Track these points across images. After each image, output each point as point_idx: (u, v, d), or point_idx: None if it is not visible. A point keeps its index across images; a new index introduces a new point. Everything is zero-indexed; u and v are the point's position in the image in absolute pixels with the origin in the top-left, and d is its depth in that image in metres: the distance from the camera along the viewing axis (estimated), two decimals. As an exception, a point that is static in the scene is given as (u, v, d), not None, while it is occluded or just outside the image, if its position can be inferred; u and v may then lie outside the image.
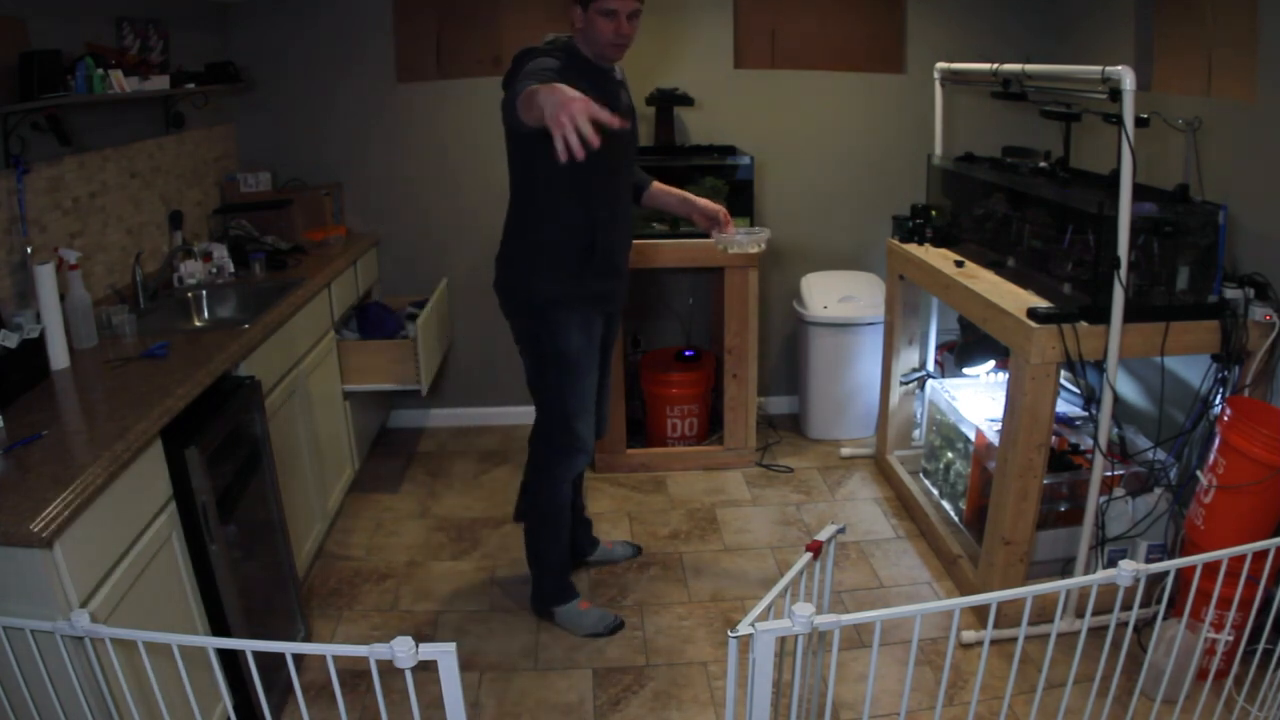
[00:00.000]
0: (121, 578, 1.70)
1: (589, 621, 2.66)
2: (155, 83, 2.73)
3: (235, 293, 3.01)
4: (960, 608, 1.37)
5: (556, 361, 2.45)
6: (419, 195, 3.88)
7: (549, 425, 2.55)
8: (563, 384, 2.47)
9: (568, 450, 2.54)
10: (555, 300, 2.40)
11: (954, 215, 3.25)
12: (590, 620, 2.66)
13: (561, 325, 2.41)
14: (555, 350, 2.44)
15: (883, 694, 2.33)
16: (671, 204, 2.72)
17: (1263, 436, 2.10)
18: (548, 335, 2.43)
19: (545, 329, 2.43)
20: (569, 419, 2.50)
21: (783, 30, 3.80)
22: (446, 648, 1.19)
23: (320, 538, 3.06)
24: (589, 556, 3.00)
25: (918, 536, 3.15)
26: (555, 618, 2.68)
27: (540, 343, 2.46)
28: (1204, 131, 2.62)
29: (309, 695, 2.36)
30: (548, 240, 2.40)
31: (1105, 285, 2.26)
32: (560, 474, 2.58)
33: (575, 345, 2.44)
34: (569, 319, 2.42)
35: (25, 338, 2.04)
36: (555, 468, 2.57)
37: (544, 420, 2.57)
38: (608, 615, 2.69)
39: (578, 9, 2.27)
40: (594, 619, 2.66)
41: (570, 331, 2.42)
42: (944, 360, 3.55)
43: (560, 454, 2.55)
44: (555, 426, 2.52)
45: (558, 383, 2.48)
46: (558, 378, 2.47)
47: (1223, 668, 2.26)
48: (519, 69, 2.22)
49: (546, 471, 2.58)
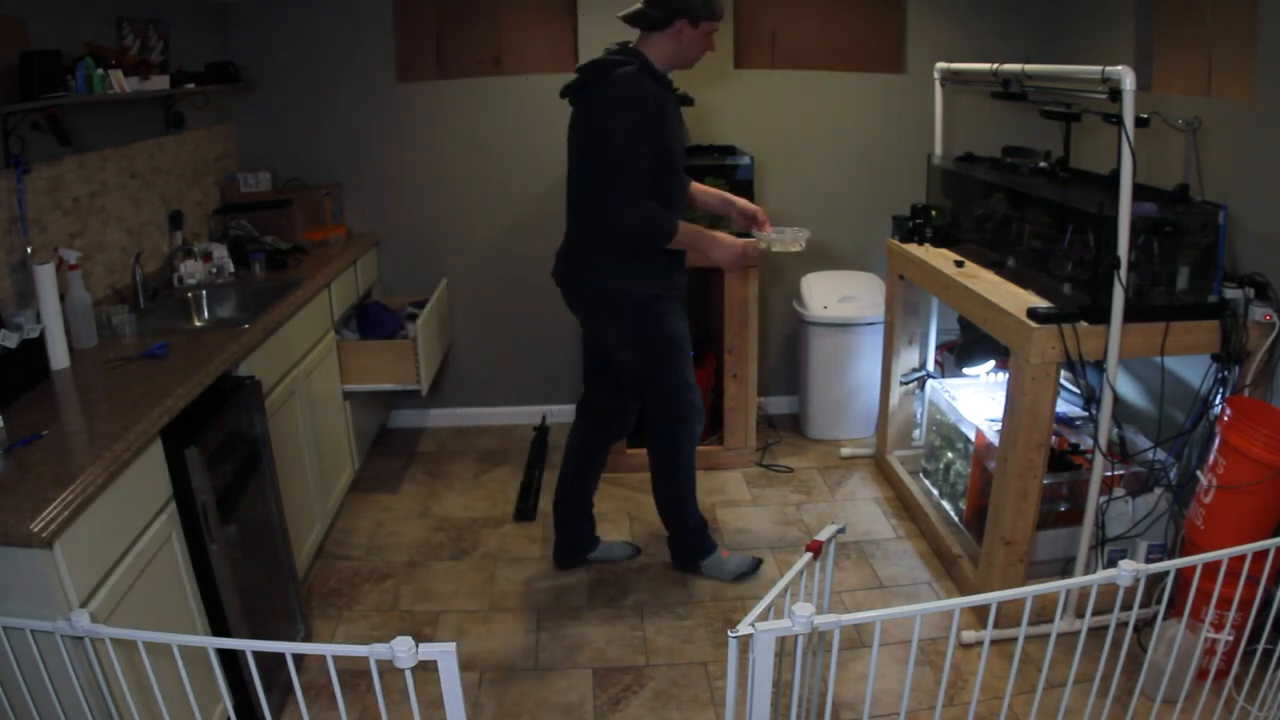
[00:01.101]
0: (121, 578, 1.70)
1: (732, 566, 2.90)
2: (155, 83, 2.73)
3: (235, 293, 3.01)
4: (960, 608, 1.37)
5: (666, 346, 2.65)
6: (419, 195, 3.88)
7: (670, 403, 2.74)
8: (676, 363, 2.69)
9: (689, 419, 2.76)
10: (655, 295, 2.59)
11: (954, 215, 3.25)
12: (733, 565, 2.90)
13: (664, 315, 2.62)
14: (664, 337, 2.64)
15: (883, 694, 2.32)
16: (713, 204, 2.86)
17: (1263, 436, 2.10)
18: (654, 326, 2.62)
19: (650, 321, 2.61)
20: (685, 392, 2.72)
21: (783, 30, 3.80)
22: (446, 648, 1.19)
23: (320, 538, 3.06)
24: (590, 554, 3.01)
25: (918, 536, 3.15)
26: (702, 570, 2.91)
27: (648, 334, 2.64)
28: (1204, 131, 2.62)
29: (309, 695, 2.36)
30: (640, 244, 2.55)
31: (1105, 285, 2.26)
32: (688, 443, 2.80)
33: (678, 329, 2.66)
34: (669, 308, 2.63)
35: (25, 338, 2.04)
36: (682, 439, 2.78)
37: (664, 401, 2.75)
38: (747, 558, 2.92)
39: (685, 24, 2.43)
40: (736, 563, 2.90)
41: (671, 319, 2.64)
42: (944, 360, 3.55)
43: (685, 424, 2.76)
44: (676, 402, 2.73)
45: (670, 363, 2.68)
46: (669, 359, 2.67)
47: (1223, 668, 2.26)
48: (608, 84, 2.39)
49: (675, 443, 2.79)
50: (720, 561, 2.90)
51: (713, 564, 2.90)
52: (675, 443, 2.79)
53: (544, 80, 3.77)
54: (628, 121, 2.37)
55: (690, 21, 2.42)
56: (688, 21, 2.42)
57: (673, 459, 2.82)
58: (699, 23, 2.43)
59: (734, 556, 2.93)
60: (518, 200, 3.90)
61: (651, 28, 2.45)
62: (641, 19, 2.45)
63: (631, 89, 2.38)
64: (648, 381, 2.74)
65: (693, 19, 2.41)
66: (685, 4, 2.39)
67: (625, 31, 2.52)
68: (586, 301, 2.69)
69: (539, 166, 3.84)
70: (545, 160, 3.84)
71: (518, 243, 3.94)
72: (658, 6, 2.41)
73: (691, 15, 2.40)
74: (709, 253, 2.60)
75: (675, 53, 2.47)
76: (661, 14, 2.41)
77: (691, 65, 2.53)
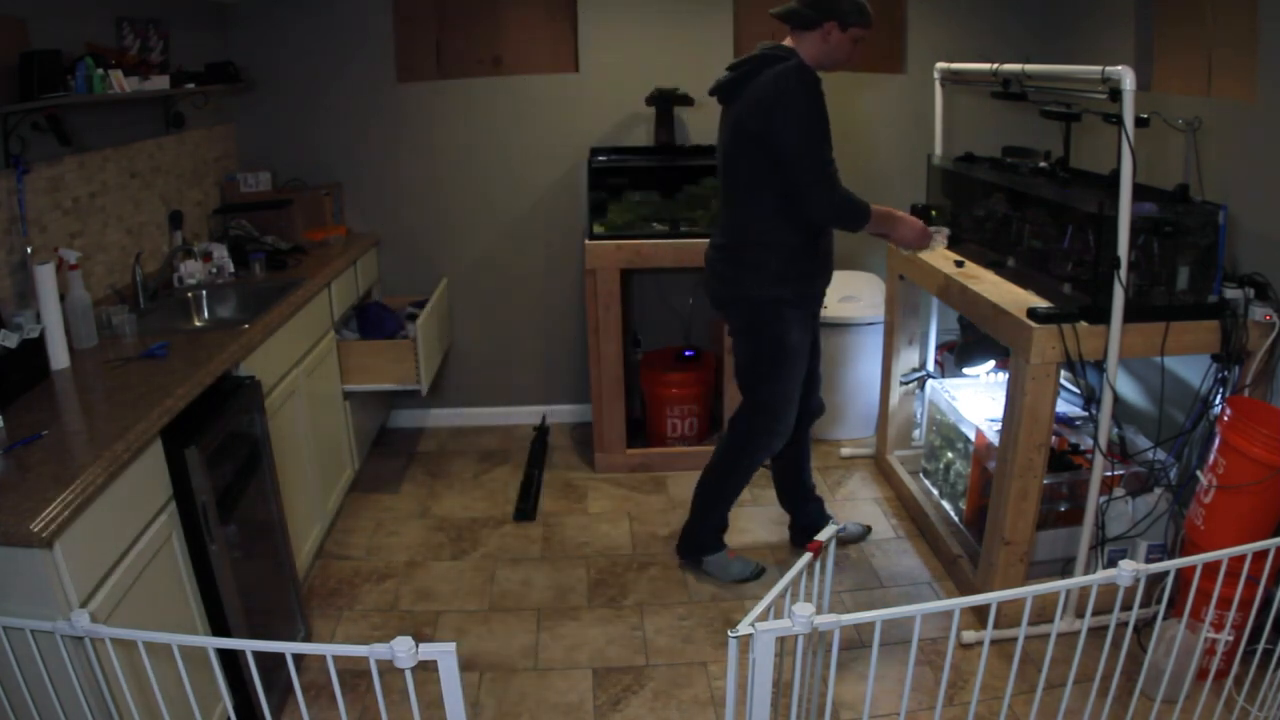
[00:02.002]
0: (121, 578, 1.70)
1: (735, 569, 2.90)
2: (155, 83, 2.73)
3: (235, 293, 3.01)
4: (960, 608, 1.37)
5: (779, 354, 2.65)
6: (419, 195, 3.88)
7: (761, 412, 2.74)
8: (781, 377, 2.68)
9: (771, 433, 2.75)
10: (787, 301, 2.60)
11: (954, 215, 3.25)
12: (736, 568, 2.91)
13: (790, 322, 2.62)
14: (781, 345, 2.64)
15: (883, 694, 2.33)
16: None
17: (1263, 436, 2.10)
18: (774, 330, 2.63)
19: (773, 325, 2.62)
20: (781, 406, 2.71)
21: (783, 30, 3.78)
22: (446, 648, 1.19)
23: (320, 538, 3.06)
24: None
25: (918, 536, 3.15)
26: (703, 565, 2.92)
27: (765, 336, 2.64)
28: (1204, 131, 2.62)
29: (309, 695, 2.36)
30: (790, 244, 2.56)
31: (1105, 285, 2.26)
32: (759, 454, 2.80)
33: (798, 341, 2.65)
34: (797, 317, 2.63)
35: (25, 338, 2.04)
36: (755, 449, 2.79)
37: (758, 405, 2.75)
38: (750, 563, 2.93)
39: (833, 26, 2.45)
40: (739, 567, 2.91)
41: (796, 328, 2.64)
42: (944, 360, 3.55)
43: (764, 436, 2.75)
44: (765, 412, 2.73)
45: (772, 375, 2.68)
46: (772, 370, 2.67)
47: (1223, 668, 2.26)
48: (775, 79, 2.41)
49: (745, 449, 2.80)
50: (724, 562, 2.91)
51: (715, 562, 2.91)
52: (747, 447, 2.79)
53: (544, 80, 3.77)
54: (807, 111, 2.40)
55: (840, 25, 2.45)
56: (837, 24, 2.45)
57: (735, 458, 2.82)
58: (848, 28, 2.46)
59: (739, 560, 2.94)
60: (518, 200, 3.90)
61: (802, 27, 2.48)
62: (793, 17, 2.49)
63: (804, 77, 2.41)
64: (750, 381, 2.74)
65: (843, 23, 2.45)
66: (837, 7, 2.43)
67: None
68: (723, 291, 2.71)
69: (539, 166, 3.85)
70: (545, 160, 3.85)
71: (518, 243, 3.94)
72: (810, 6, 2.45)
73: (842, 19, 2.44)
74: (894, 231, 2.61)
75: (823, 54, 2.49)
76: (813, 14, 2.45)
77: (835, 69, 2.53)
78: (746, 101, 2.48)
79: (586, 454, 3.81)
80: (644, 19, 3.73)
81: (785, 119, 2.39)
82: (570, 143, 3.80)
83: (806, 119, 2.40)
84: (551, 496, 3.50)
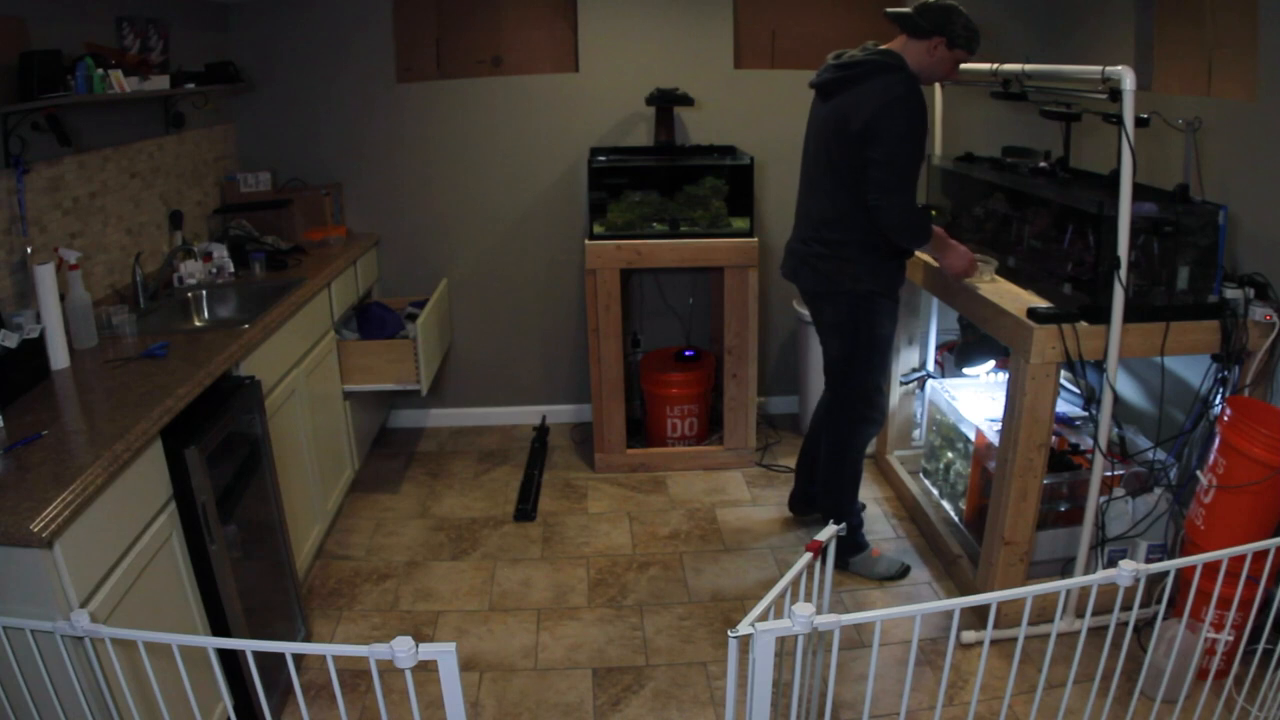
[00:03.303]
0: (121, 578, 1.70)
1: (882, 567, 2.92)
2: (155, 83, 2.73)
3: (235, 293, 3.01)
4: (960, 608, 1.37)
5: (870, 343, 2.74)
6: (419, 195, 3.88)
7: (856, 400, 2.81)
8: (874, 363, 2.77)
9: (869, 421, 2.84)
10: (877, 292, 2.68)
11: (954, 215, 3.25)
12: (882, 566, 2.92)
13: (879, 313, 2.70)
14: (872, 335, 2.72)
15: (883, 694, 2.33)
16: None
17: (1263, 436, 2.10)
18: (866, 321, 2.70)
19: (865, 315, 2.70)
20: (874, 394, 2.81)
21: (783, 30, 3.80)
22: (446, 648, 1.19)
23: (320, 538, 3.06)
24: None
25: (918, 536, 3.15)
26: (850, 566, 2.93)
27: (858, 327, 2.72)
28: (1204, 131, 2.62)
29: (309, 695, 2.36)
30: (879, 238, 2.62)
31: (1105, 285, 2.26)
32: (862, 441, 2.88)
33: (887, 331, 2.75)
34: (886, 307, 2.72)
35: (25, 338, 2.04)
36: (857, 437, 2.85)
37: (852, 395, 2.82)
38: (895, 561, 2.94)
39: (941, 42, 2.50)
40: (886, 564, 2.93)
41: (885, 318, 2.72)
42: (944, 360, 3.55)
43: (863, 424, 2.84)
44: (861, 400, 2.81)
45: (869, 362, 2.76)
46: (869, 357, 2.75)
47: (1223, 668, 2.26)
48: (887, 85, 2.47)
49: (849, 441, 2.86)
50: (870, 560, 2.92)
51: (862, 562, 2.92)
52: (852, 440, 2.86)
53: (544, 80, 3.77)
54: (910, 123, 2.47)
55: (948, 42, 2.50)
56: (945, 41, 2.49)
57: (843, 454, 2.88)
58: (954, 48, 2.51)
59: (884, 558, 2.95)
60: (518, 200, 3.90)
61: (912, 33, 2.52)
62: (906, 22, 2.52)
63: (914, 93, 2.48)
64: (845, 370, 2.80)
65: (950, 41, 2.49)
66: (950, 25, 2.47)
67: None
68: (817, 283, 2.75)
69: (539, 166, 3.85)
70: (545, 160, 3.85)
71: (518, 242, 3.94)
72: (924, 16, 2.49)
73: (951, 37, 2.49)
74: (944, 256, 2.69)
75: (925, 65, 2.54)
76: (926, 25, 2.49)
77: (932, 83, 2.55)
78: (855, 103, 2.52)
79: (586, 454, 3.81)
80: (644, 19, 3.73)
81: (890, 128, 2.46)
82: (570, 143, 3.80)
83: (908, 134, 2.48)
84: (551, 496, 3.50)
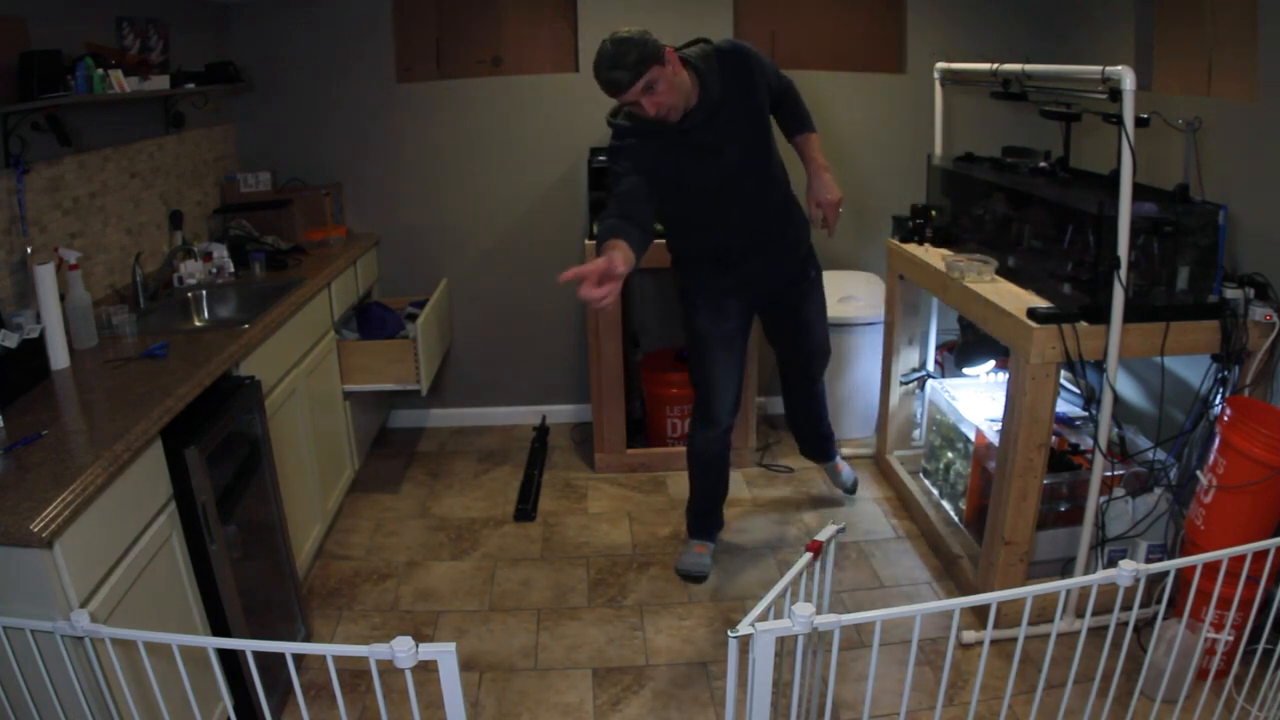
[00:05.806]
0: (121, 578, 1.70)
1: (686, 562, 2.96)
2: (155, 83, 2.73)
3: (235, 293, 3.01)
4: (960, 608, 1.37)
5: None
6: (419, 195, 3.88)
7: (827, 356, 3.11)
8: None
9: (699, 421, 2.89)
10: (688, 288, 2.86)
11: (954, 215, 3.25)
12: (687, 561, 2.96)
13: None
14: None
15: (883, 694, 2.32)
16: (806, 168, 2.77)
17: (1263, 436, 2.10)
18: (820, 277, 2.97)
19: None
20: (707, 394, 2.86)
21: (783, 30, 3.80)
22: (446, 648, 1.19)
23: (320, 538, 3.06)
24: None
25: (918, 536, 3.15)
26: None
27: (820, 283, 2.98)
28: (1204, 131, 2.62)
29: (309, 695, 2.36)
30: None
31: (1105, 285, 2.26)
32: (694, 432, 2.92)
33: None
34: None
35: (25, 338, 2.04)
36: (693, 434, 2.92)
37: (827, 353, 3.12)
38: (704, 567, 2.94)
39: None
40: (689, 561, 2.96)
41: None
42: (944, 360, 3.55)
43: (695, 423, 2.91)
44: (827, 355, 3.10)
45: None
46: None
47: (1223, 668, 2.26)
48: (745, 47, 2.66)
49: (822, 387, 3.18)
50: (687, 552, 3.00)
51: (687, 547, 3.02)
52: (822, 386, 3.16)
53: (544, 80, 3.77)
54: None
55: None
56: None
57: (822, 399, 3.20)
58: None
59: (704, 557, 2.99)
60: (518, 200, 3.90)
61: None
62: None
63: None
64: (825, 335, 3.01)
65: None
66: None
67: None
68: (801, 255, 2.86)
69: (539, 166, 3.85)
70: (545, 160, 3.84)
71: (518, 242, 3.94)
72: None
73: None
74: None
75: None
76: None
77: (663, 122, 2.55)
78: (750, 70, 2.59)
79: (586, 454, 3.81)
80: (644, 19, 3.71)
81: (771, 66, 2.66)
82: (570, 143, 3.80)
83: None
84: (551, 496, 3.50)
